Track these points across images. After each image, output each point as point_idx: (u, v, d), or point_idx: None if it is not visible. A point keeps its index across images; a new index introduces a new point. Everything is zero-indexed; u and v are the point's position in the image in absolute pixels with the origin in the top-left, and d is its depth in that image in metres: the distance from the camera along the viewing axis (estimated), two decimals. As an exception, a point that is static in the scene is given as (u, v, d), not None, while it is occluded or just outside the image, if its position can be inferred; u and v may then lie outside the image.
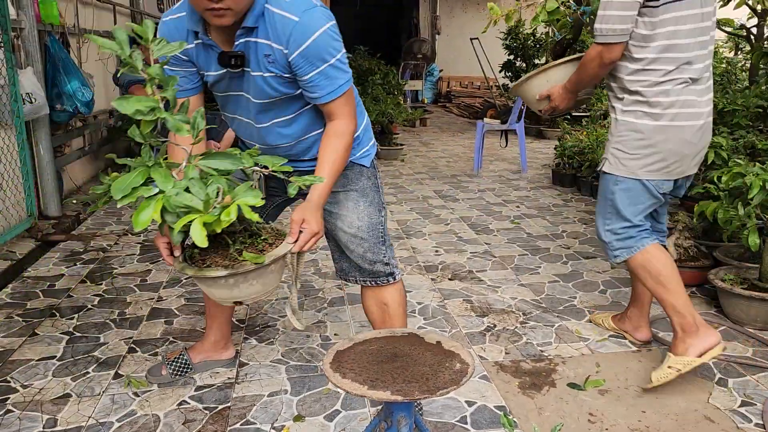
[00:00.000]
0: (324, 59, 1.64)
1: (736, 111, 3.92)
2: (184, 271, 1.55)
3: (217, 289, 1.55)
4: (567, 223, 4.28)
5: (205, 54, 1.74)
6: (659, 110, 2.05)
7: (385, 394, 1.30)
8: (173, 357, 2.31)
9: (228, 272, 1.49)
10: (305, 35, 1.61)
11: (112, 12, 6.04)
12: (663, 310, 2.21)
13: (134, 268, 3.47)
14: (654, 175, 2.13)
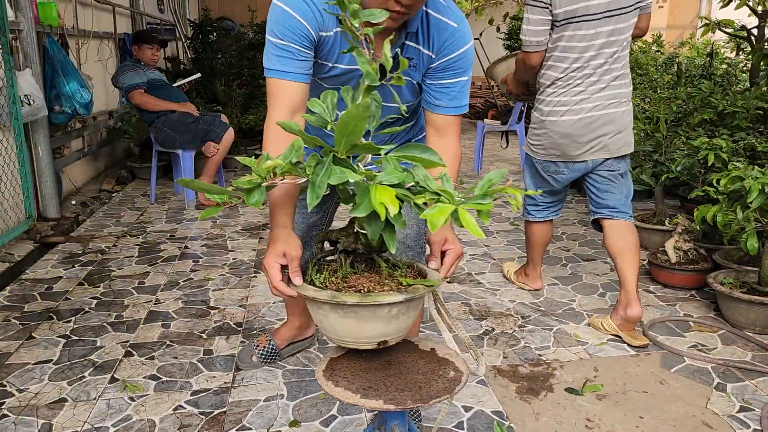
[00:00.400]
0: (465, 72, 1.61)
1: (737, 113, 3.91)
2: (318, 296, 1.26)
3: (370, 323, 1.27)
4: (566, 224, 4.26)
5: (341, 45, 1.56)
6: (543, 107, 2.65)
7: (377, 403, 1.29)
8: (262, 344, 2.38)
9: (405, 297, 1.25)
10: (459, 44, 1.58)
11: (112, 13, 6.03)
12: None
13: (132, 270, 3.47)
14: (540, 156, 2.74)
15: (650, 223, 3.66)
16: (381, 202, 1.06)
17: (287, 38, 1.48)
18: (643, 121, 4.29)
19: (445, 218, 1.05)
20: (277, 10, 1.48)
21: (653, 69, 8.40)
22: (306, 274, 1.35)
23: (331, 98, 1.22)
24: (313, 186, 1.12)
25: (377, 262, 1.37)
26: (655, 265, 3.14)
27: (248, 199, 1.15)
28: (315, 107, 1.21)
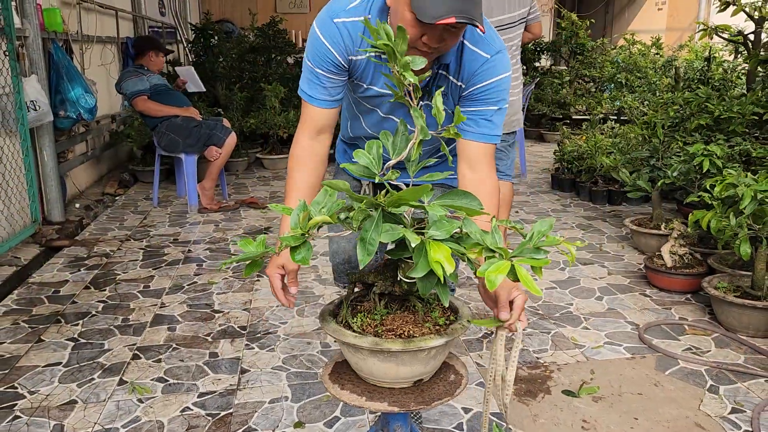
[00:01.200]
0: (497, 102, 1.61)
1: (733, 118, 3.96)
2: (359, 343, 1.27)
3: (409, 366, 1.30)
4: (565, 228, 4.32)
5: (376, 67, 1.60)
6: None
7: (382, 405, 1.35)
8: None
9: (446, 339, 1.29)
10: (491, 74, 1.58)
11: (115, 17, 6.09)
12: None
13: (137, 274, 3.52)
14: None
15: (647, 227, 3.72)
16: (437, 260, 1.10)
17: (316, 63, 1.57)
18: (640, 126, 4.35)
19: (503, 276, 1.09)
20: (312, 34, 1.57)
21: (652, 72, 8.47)
22: (339, 316, 1.39)
23: (376, 149, 1.24)
24: (364, 243, 1.14)
25: (412, 302, 1.40)
26: (651, 269, 3.20)
27: (294, 256, 1.18)
28: (361, 159, 1.23)
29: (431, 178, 1.32)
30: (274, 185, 5.73)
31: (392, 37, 1.15)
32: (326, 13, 1.56)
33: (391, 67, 1.19)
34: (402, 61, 1.17)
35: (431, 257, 1.13)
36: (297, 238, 1.21)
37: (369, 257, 1.14)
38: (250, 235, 4.23)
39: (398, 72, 1.18)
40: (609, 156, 4.67)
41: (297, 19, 10.77)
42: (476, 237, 1.21)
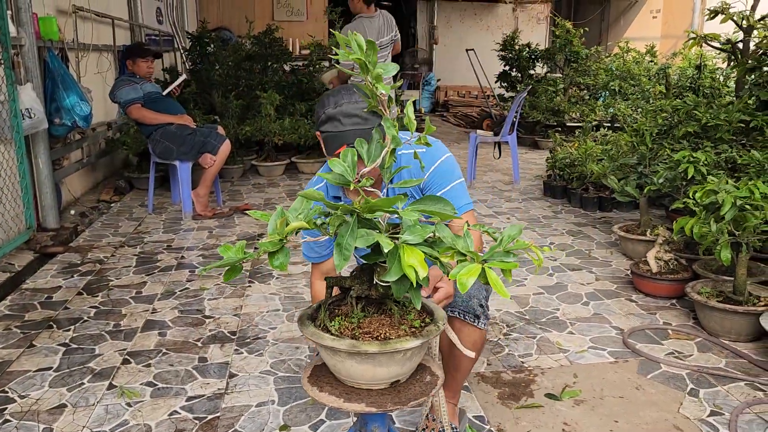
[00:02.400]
0: (450, 180, 1.82)
1: (720, 126, 4.01)
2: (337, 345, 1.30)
3: (386, 367, 1.34)
4: (555, 234, 4.36)
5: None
6: None
7: (359, 406, 1.38)
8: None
9: (422, 341, 1.34)
10: (435, 156, 1.81)
11: (111, 26, 6.15)
12: None
13: (130, 280, 3.56)
14: None
15: (635, 233, 3.76)
16: (410, 265, 1.15)
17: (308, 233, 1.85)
18: (629, 134, 4.40)
19: (474, 278, 1.14)
20: (313, 179, 1.89)
21: (646, 80, 8.53)
22: (317, 320, 1.43)
23: (351, 157, 1.29)
24: (340, 248, 1.18)
25: (389, 305, 1.43)
26: (637, 275, 3.24)
27: (272, 262, 1.23)
28: (336, 167, 1.27)
29: (405, 184, 1.36)
30: (269, 192, 5.77)
31: (363, 49, 1.19)
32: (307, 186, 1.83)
33: (364, 78, 1.23)
34: (374, 73, 1.22)
35: (404, 262, 1.17)
36: (274, 244, 1.25)
37: (345, 262, 1.18)
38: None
39: (371, 83, 1.23)
40: (599, 163, 4.72)
41: (294, 28, 10.84)
42: (448, 241, 1.25)
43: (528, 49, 9.25)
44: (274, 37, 7.31)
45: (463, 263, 1.19)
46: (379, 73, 1.20)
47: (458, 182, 1.86)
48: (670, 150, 4.04)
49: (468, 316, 1.85)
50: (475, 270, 1.16)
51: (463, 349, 1.67)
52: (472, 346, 1.87)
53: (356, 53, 1.19)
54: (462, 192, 1.86)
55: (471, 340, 1.85)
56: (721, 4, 4.73)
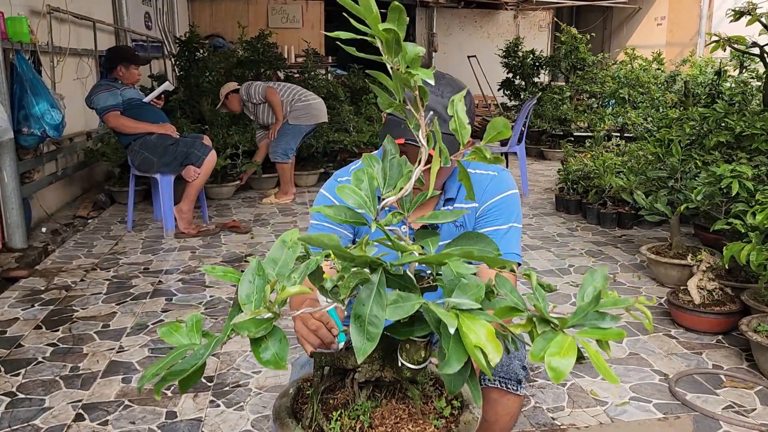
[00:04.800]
0: (508, 220, 1.54)
1: (755, 135, 3.62)
2: None
3: None
4: (574, 255, 3.95)
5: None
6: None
7: None
8: None
9: None
10: (500, 188, 1.56)
11: (92, 29, 5.75)
12: None
13: (97, 310, 3.14)
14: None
15: (666, 255, 3.35)
16: (477, 345, 0.73)
17: (322, 219, 1.55)
18: (653, 144, 4.00)
19: (573, 360, 0.73)
20: (318, 196, 1.61)
21: (655, 87, 8.17)
22: (306, 418, 1.02)
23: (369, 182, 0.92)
24: (362, 324, 0.77)
25: (404, 385, 1.03)
26: (676, 306, 2.83)
27: (259, 355, 0.80)
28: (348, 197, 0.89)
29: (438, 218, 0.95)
30: (260, 207, 5.35)
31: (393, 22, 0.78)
32: (332, 178, 1.63)
33: (389, 63, 0.82)
34: (410, 54, 0.80)
35: (468, 342, 0.76)
36: (258, 323, 0.82)
37: (371, 344, 0.77)
38: (228, 264, 3.85)
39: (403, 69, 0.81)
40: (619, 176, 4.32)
41: (289, 34, 10.47)
42: (514, 300, 0.86)
43: (532, 56, 8.89)
44: (267, 42, 6.94)
45: (546, 334, 0.79)
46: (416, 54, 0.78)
47: (516, 226, 1.54)
48: (701, 162, 3.65)
49: (510, 384, 1.44)
50: (569, 347, 0.76)
51: None
52: (510, 419, 1.46)
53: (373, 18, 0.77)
54: (516, 239, 1.53)
55: (509, 412, 1.44)
56: (747, 5, 4.35)
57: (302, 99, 5.40)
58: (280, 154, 5.39)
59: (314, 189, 6.06)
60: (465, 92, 0.91)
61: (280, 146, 5.37)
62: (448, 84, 1.41)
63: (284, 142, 5.38)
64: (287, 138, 5.38)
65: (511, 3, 12.76)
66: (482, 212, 1.57)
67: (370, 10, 0.75)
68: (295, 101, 5.38)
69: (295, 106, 5.38)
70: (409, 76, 0.80)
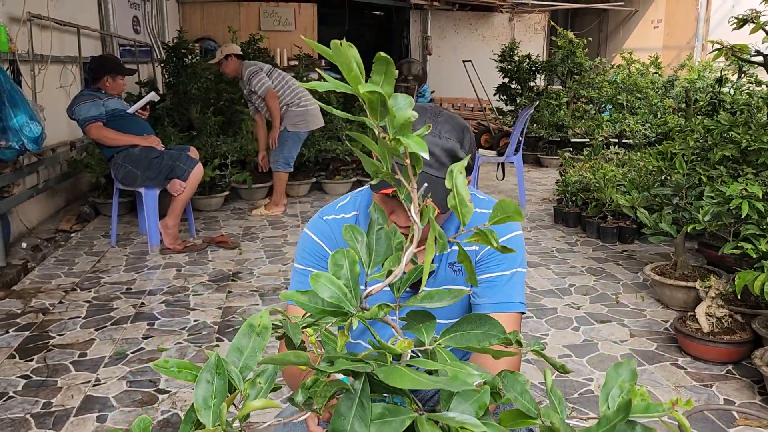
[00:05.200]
0: (511, 265, 1.41)
1: (763, 150, 3.49)
2: None
3: None
4: (574, 274, 3.81)
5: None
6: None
7: None
8: None
9: None
10: (503, 230, 1.40)
11: (77, 35, 5.58)
12: None
13: (75, 336, 2.98)
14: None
15: (672, 277, 3.21)
16: None
17: (307, 263, 1.44)
18: (655, 156, 3.87)
19: None
20: (301, 239, 1.48)
21: (653, 93, 8.05)
22: None
23: (350, 265, 0.77)
24: None
25: None
26: (683, 334, 2.69)
27: None
28: (324, 290, 0.73)
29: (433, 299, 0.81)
30: (249, 220, 5.20)
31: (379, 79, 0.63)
32: (316, 216, 1.50)
33: (374, 127, 0.67)
34: (399, 119, 0.65)
35: None
36: None
37: None
38: (215, 284, 3.70)
39: (390, 136, 0.66)
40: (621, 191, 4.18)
41: (281, 37, 10.32)
42: (525, 405, 0.72)
43: (528, 60, 8.76)
44: (258, 47, 6.79)
45: None
46: (406, 119, 0.63)
47: (520, 271, 1.41)
48: (706, 177, 3.51)
49: None
50: None
51: None
52: None
53: (353, 78, 0.63)
54: (519, 285, 1.40)
55: None
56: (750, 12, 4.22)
57: (300, 104, 5.18)
58: (281, 164, 5.23)
59: (306, 199, 5.91)
60: (466, 159, 0.76)
61: (282, 155, 5.21)
62: (446, 122, 1.26)
63: (286, 151, 5.22)
64: (288, 146, 5.23)
65: (506, 6, 12.63)
66: (483, 256, 1.43)
67: (350, 68, 0.60)
68: (292, 105, 5.17)
69: (292, 111, 5.15)
70: (397, 143, 0.65)
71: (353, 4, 12.11)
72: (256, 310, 3.28)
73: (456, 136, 1.28)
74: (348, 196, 1.54)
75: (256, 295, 3.50)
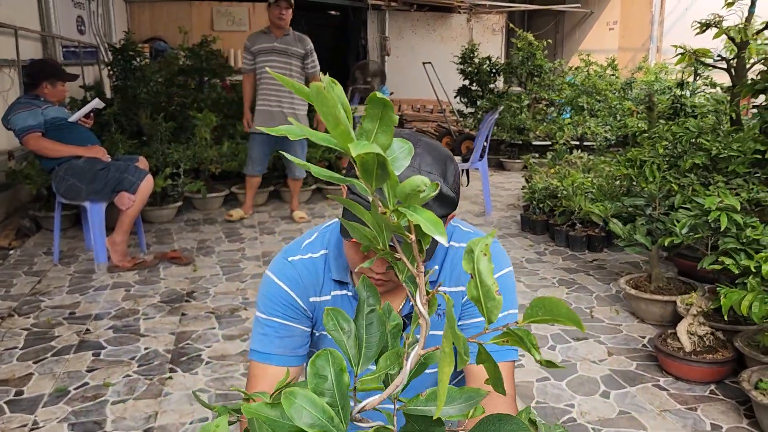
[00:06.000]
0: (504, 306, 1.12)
1: (733, 157, 3.44)
2: None
3: None
4: (546, 286, 3.69)
5: (343, 308, 1.22)
6: None
7: None
8: None
9: None
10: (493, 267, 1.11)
11: (14, 36, 5.21)
12: None
13: (10, 371, 2.70)
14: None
15: (647, 290, 3.12)
16: None
17: (271, 312, 1.29)
18: (624, 164, 3.79)
19: None
20: (264, 283, 1.32)
21: (612, 95, 8.07)
22: None
23: (336, 371, 0.60)
24: None
25: None
26: (665, 354, 2.58)
27: None
28: (302, 414, 0.55)
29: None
30: (204, 232, 4.93)
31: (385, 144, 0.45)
32: (280, 256, 1.34)
33: (369, 195, 0.49)
34: (407, 186, 0.47)
35: None
36: None
37: None
38: (168, 305, 3.44)
39: (391, 208, 0.48)
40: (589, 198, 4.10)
41: (235, 38, 9.99)
42: None
43: (489, 62, 8.68)
44: (211, 49, 6.50)
45: None
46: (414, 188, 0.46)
47: (512, 312, 1.28)
48: (677, 186, 3.44)
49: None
50: None
51: None
52: None
53: (342, 134, 0.44)
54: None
55: None
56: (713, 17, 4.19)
57: (259, 102, 4.97)
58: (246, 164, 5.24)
59: (263, 209, 5.66)
60: (491, 237, 0.58)
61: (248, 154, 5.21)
62: (426, 152, 1.08)
63: (249, 151, 5.20)
64: (249, 146, 5.18)
65: (464, 6, 12.56)
66: (465, 300, 1.31)
67: (337, 120, 0.42)
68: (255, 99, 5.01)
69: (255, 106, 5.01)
70: (399, 217, 0.47)
71: (309, 4, 11.85)
72: (212, 335, 3.05)
73: (439, 170, 1.10)
74: (315, 232, 1.36)
75: (212, 317, 3.27)
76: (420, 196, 0.46)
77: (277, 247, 4.40)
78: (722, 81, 6.35)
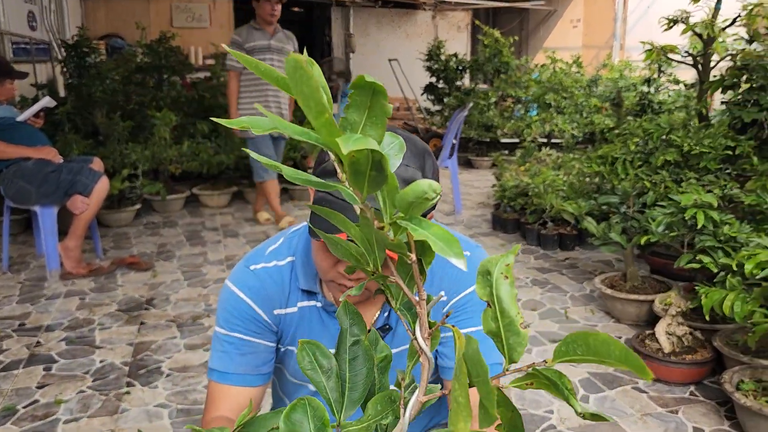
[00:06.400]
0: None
1: (704, 153, 3.41)
2: None
3: None
4: (520, 286, 3.61)
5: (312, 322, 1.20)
6: None
7: None
8: None
9: None
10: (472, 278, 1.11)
11: (-42, 31, 4.93)
12: None
13: (-48, 391, 2.50)
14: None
15: (623, 290, 3.06)
16: None
17: (230, 326, 1.17)
18: (595, 161, 3.74)
19: None
20: (223, 295, 1.20)
21: (578, 92, 8.08)
22: None
23: (316, 420, 0.50)
24: None
25: None
26: (644, 356, 2.52)
27: None
28: None
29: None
30: (164, 235, 4.73)
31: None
32: (242, 264, 1.22)
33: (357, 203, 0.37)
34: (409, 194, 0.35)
35: None
36: None
37: None
38: (125, 313, 3.26)
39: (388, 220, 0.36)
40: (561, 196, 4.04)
41: (195, 35, 9.74)
42: None
43: (455, 59, 8.62)
44: (170, 45, 6.27)
45: None
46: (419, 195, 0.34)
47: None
48: (649, 183, 3.40)
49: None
50: None
51: None
52: None
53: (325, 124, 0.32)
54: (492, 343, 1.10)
55: None
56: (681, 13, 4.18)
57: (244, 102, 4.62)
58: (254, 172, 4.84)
59: (227, 211, 5.48)
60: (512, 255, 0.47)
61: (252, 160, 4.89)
62: None
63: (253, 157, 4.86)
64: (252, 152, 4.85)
65: (429, 3, 12.51)
66: (452, 307, 1.20)
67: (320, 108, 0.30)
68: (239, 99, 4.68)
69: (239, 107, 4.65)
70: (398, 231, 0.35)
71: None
72: (173, 345, 2.89)
73: (417, 163, 1.01)
74: (281, 237, 1.24)
75: (173, 326, 3.10)
76: (427, 205, 0.35)
77: (241, 251, 4.24)
78: (685, 78, 6.40)
